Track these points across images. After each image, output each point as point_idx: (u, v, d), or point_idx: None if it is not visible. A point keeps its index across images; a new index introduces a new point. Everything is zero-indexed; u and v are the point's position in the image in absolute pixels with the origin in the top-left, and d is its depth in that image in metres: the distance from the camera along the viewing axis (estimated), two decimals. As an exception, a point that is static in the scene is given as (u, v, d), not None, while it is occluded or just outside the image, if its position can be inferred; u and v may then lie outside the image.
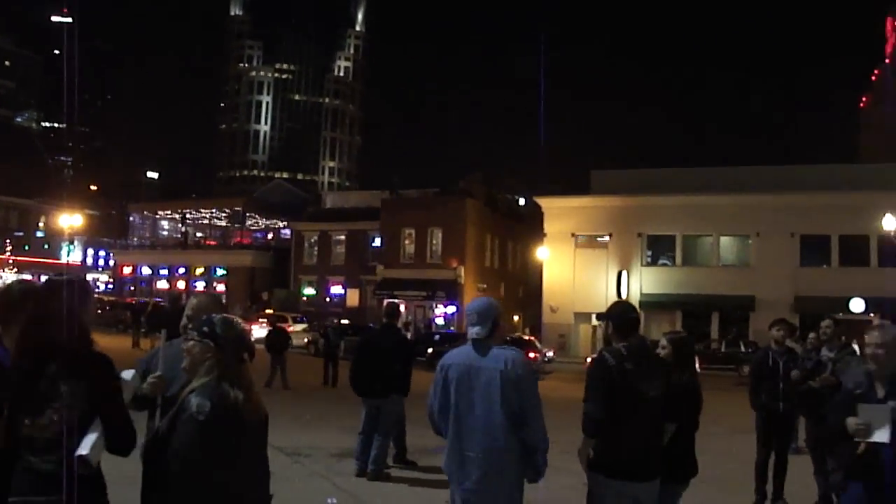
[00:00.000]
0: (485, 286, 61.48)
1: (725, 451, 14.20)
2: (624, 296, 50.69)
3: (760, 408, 10.68)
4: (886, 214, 36.60)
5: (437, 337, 43.08)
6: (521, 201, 76.04)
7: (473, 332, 5.85)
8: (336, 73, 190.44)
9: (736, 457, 12.64)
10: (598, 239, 54.48)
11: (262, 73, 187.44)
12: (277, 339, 27.19)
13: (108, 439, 4.11)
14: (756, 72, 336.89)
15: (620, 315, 6.20)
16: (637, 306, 43.60)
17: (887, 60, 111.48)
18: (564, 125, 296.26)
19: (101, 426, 4.09)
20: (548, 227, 55.43)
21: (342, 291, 69.22)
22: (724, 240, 53.73)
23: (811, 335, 11.66)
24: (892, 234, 36.80)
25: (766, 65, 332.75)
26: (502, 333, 6.11)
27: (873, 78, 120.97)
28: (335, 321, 35.72)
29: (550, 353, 44.24)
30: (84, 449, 3.98)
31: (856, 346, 31.08)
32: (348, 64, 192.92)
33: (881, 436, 5.40)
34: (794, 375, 10.31)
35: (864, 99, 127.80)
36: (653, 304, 51.37)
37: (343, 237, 69.62)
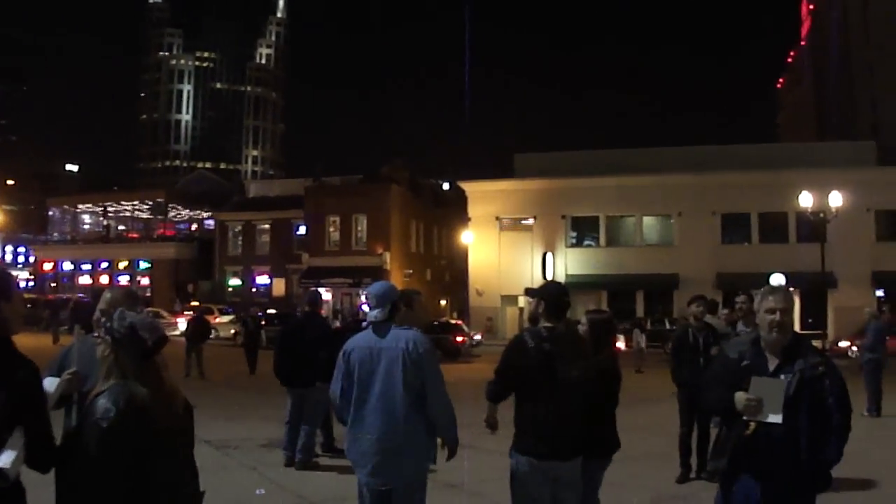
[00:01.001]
0: (411, 272, 61.52)
1: (650, 426, 14.45)
2: (549, 277, 50.98)
3: (682, 383, 10.82)
4: (803, 192, 37.11)
5: (364, 324, 42.79)
6: (446, 186, 76.15)
7: (372, 315, 5.97)
8: (258, 60, 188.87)
9: (660, 431, 12.81)
10: (523, 222, 54.67)
11: (182, 61, 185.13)
12: (197, 328, 27.07)
13: (28, 453, 3.85)
14: (677, 54, 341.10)
15: (555, 297, 6.21)
16: (562, 288, 44.09)
17: (803, 42, 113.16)
18: (488, 110, 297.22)
19: (23, 438, 3.83)
20: (472, 210, 55.53)
21: (268, 281, 68.86)
22: (646, 220, 54.41)
23: (724, 310, 11.79)
24: (809, 210, 37.35)
25: (688, 47, 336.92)
26: (405, 316, 6.12)
27: (789, 59, 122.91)
28: (254, 310, 35.52)
29: (478, 336, 44.30)
30: (3, 462, 3.74)
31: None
32: (270, 51, 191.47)
33: (774, 415, 4.82)
34: (714, 351, 10.35)
35: (781, 80, 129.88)
36: (578, 284, 51.53)
37: (267, 226, 69.18)
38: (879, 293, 49.94)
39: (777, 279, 39.20)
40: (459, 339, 38.58)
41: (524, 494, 5.91)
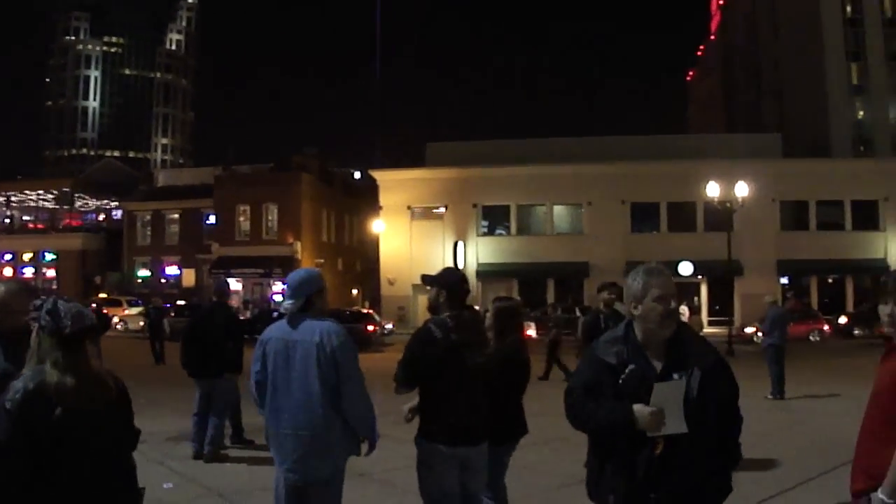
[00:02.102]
0: (322, 261, 61.14)
1: (560, 411, 14.34)
2: (461, 266, 51.05)
3: None
4: (710, 182, 37.63)
5: (275, 314, 42.46)
6: (357, 175, 75.83)
7: (286, 305, 5.79)
8: (168, 46, 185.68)
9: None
10: (434, 210, 54.64)
11: (89, 46, 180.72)
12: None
13: None
14: (591, 46, 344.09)
15: (455, 285, 6.12)
16: (474, 276, 44.17)
17: (712, 37, 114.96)
18: (400, 99, 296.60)
19: None
20: (383, 200, 55.30)
21: (177, 272, 67.82)
22: (557, 209, 54.89)
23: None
24: (716, 200, 37.86)
25: (601, 39, 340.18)
26: (322, 306, 5.97)
27: (699, 53, 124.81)
28: (157, 301, 34.96)
29: (390, 326, 44.28)
30: None
31: (683, 308, 31.88)
32: (180, 37, 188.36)
33: (676, 424, 4.04)
34: None
35: (691, 73, 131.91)
36: (489, 273, 52.13)
37: (177, 216, 68.18)
38: (784, 281, 51.35)
39: (685, 267, 39.99)
40: (371, 328, 38.51)
41: (432, 481, 5.87)
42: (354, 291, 67.03)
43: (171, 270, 68.07)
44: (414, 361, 5.90)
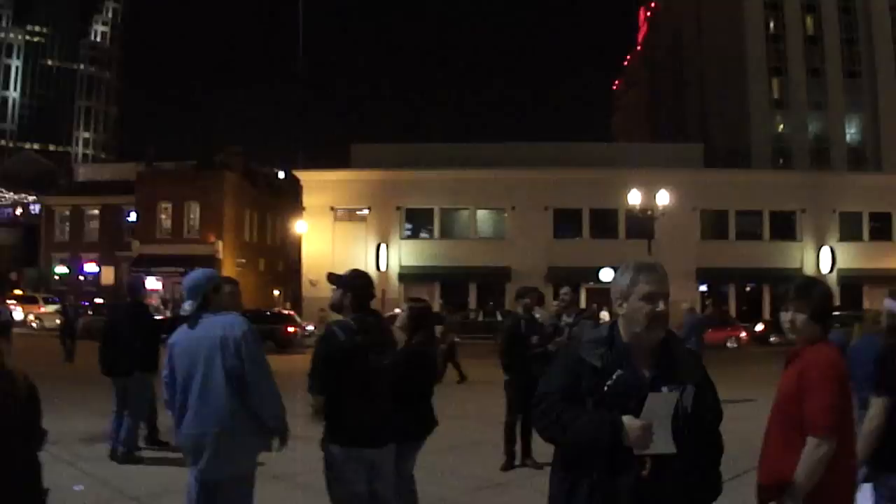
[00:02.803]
0: (244, 261, 60.70)
1: (478, 414, 14.86)
2: (383, 269, 51.15)
3: (510, 372, 10.97)
4: (632, 189, 37.95)
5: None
6: (281, 175, 75.22)
7: (185, 307, 5.78)
8: (92, 38, 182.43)
9: (487, 420, 12.88)
10: (358, 212, 54.37)
11: (11, 35, 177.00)
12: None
13: None
14: (520, 53, 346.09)
15: (361, 288, 6.13)
16: (396, 279, 44.10)
17: (639, 48, 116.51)
18: (326, 99, 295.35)
19: None
20: (307, 200, 54.77)
21: (96, 269, 66.40)
22: (480, 213, 54.93)
23: (555, 304, 12.00)
24: (638, 208, 38.17)
25: (530, 47, 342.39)
26: (222, 302, 5.93)
27: (626, 63, 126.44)
28: (71, 298, 34.51)
29: (311, 327, 43.86)
30: None
31: (604, 314, 32.05)
32: (106, 29, 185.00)
33: (665, 444, 3.54)
34: (534, 340, 10.67)
35: (617, 82, 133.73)
36: (412, 276, 52.10)
37: (97, 212, 66.80)
38: (703, 288, 52.10)
39: (607, 273, 40.42)
40: (291, 329, 38.22)
41: (340, 483, 5.86)
42: (276, 292, 66.49)
43: (90, 268, 66.65)
44: (319, 364, 5.85)
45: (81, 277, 66.02)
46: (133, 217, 63.02)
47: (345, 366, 5.77)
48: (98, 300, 48.39)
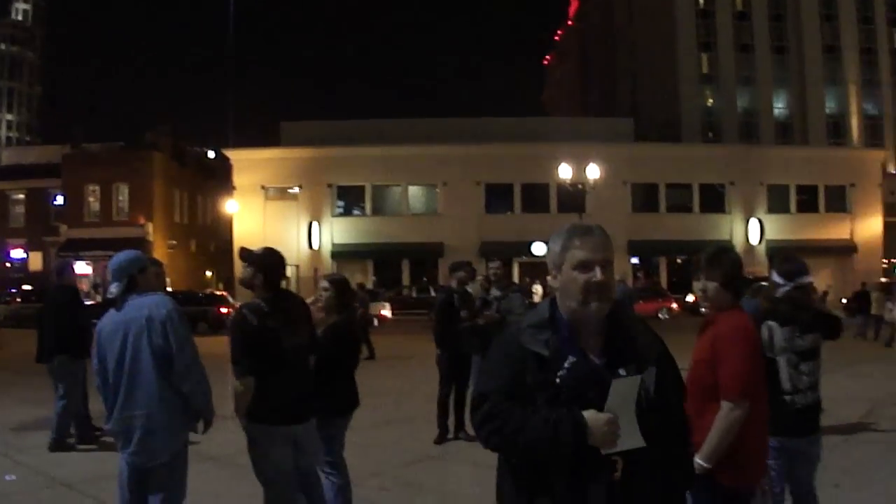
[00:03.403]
0: (175, 243, 60.00)
1: (412, 389, 14.90)
2: (316, 247, 50.91)
3: (443, 347, 11.00)
4: (563, 164, 38.02)
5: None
6: (211, 154, 74.25)
7: (111, 290, 5.68)
8: (14, 16, 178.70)
9: (421, 394, 12.96)
10: (289, 191, 53.91)
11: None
12: None
13: None
14: (452, 28, 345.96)
15: (273, 267, 6.10)
16: (329, 257, 43.82)
17: (570, 22, 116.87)
18: (256, 77, 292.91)
19: None
20: (237, 179, 54.14)
21: (23, 255, 64.87)
22: (412, 189, 54.83)
23: (480, 277, 12.05)
24: (569, 182, 38.27)
25: (461, 22, 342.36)
26: (148, 284, 5.84)
27: (557, 38, 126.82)
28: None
29: (247, 308, 43.51)
30: None
31: (537, 287, 32.21)
32: (27, 6, 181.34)
33: (632, 436, 3.02)
34: (464, 314, 10.77)
35: (548, 57, 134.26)
36: (345, 253, 51.94)
37: (22, 196, 65.24)
38: (635, 260, 52.60)
39: (539, 247, 40.50)
40: (225, 310, 37.72)
41: (264, 461, 5.89)
42: (209, 273, 65.77)
43: (17, 254, 65.10)
44: (235, 348, 5.82)
45: (8, 264, 64.56)
46: (60, 200, 61.71)
47: (260, 348, 5.75)
48: (26, 287, 47.40)
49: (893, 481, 8.74)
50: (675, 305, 43.14)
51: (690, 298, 45.11)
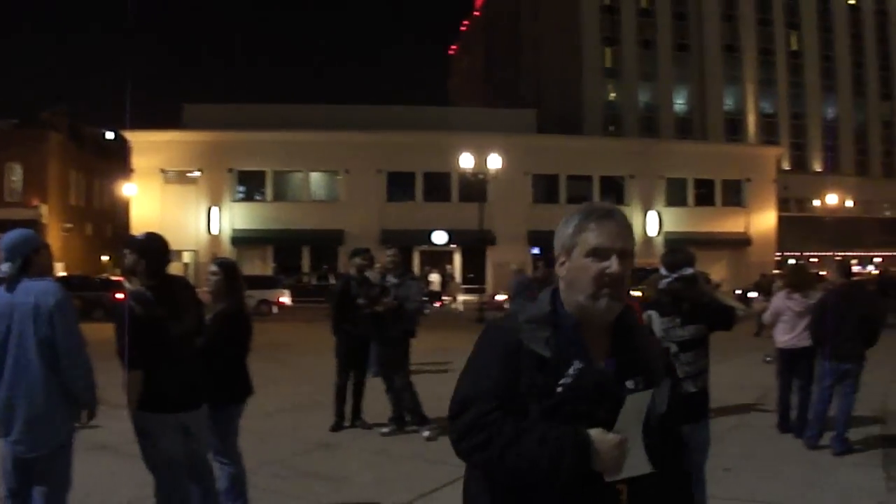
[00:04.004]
0: (70, 226, 58.80)
1: (309, 377, 15.00)
2: (215, 232, 50.32)
3: (341, 334, 11.07)
4: (465, 153, 38.17)
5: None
6: (110, 135, 72.76)
7: (3, 269, 5.44)
8: None
9: (319, 382, 12.92)
10: (189, 175, 53.11)
11: None
12: None
13: None
14: (360, 16, 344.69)
15: (155, 253, 5.93)
16: (229, 242, 43.32)
17: (476, 13, 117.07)
18: (157, 57, 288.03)
19: None
20: (136, 162, 53.06)
21: None
22: (314, 175, 54.56)
23: (378, 265, 12.11)
24: (470, 172, 38.45)
25: (370, 10, 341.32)
26: (42, 266, 5.61)
27: (463, 28, 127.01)
28: None
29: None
30: None
31: (434, 276, 32.35)
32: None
33: (639, 460, 2.61)
34: (362, 302, 10.68)
35: (453, 47, 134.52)
36: (244, 239, 51.46)
37: (-90, 176, 63.18)
38: (535, 251, 52.89)
39: (440, 236, 40.68)
40: (120, 295, 36.89)
41: (153, 450, 5.77)
42: (105, 258, 64.51)
43: None
44: (122, 336, 5.65)
45: None
46: (-51, 181, 59.88)
47: (147, 338, 5.60)
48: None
49: (782, 465, 9.04)
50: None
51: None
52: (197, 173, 52.83)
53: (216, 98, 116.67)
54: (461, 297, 46.67)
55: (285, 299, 38.90)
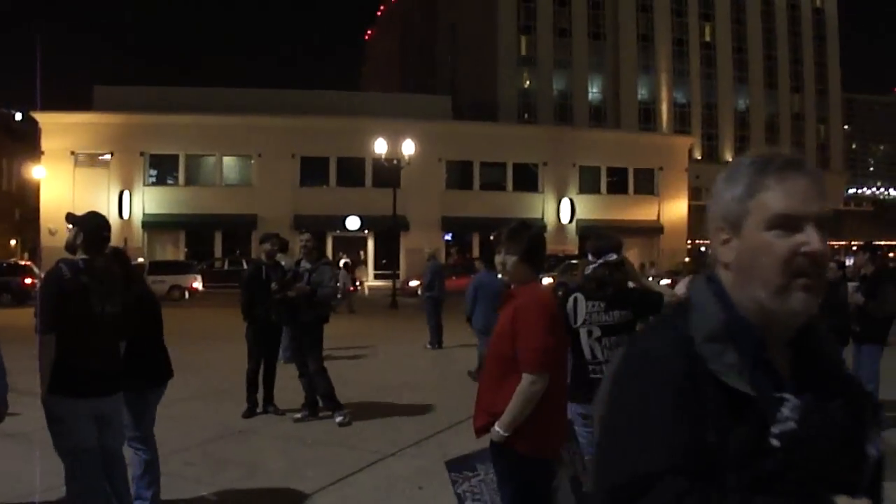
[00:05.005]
0: (-24, 209, 57.46)
1: (220, 363, 14.90)
2: (126, 216, 49.62)
3: (252, 319, 10.98)
4: (379, 139, 38.18)
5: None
6: (18, 116, 71.47)
7: None
8: None
9: (231, 368, 12.81)
10: (100, 157, 52.13)
11: None
12: None
13: None
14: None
15: (96, 229, 5.87)
16: (140, 227, 42.81)
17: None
18: (67, 36, 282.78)
19: None
20: (46, 144, 51.88)
21: None
22: (227, 160, 53.88)
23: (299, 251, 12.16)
24: (384, 157, 38.48)
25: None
26: None
27: (379, 13, 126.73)
28: None
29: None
30: None
31: (345, 260, 32.34)
32: None
33: None
34: (274, 287, 10.62)
35: (369, 32, 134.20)
36: (156, 224, 50.85)
37: None
38: (448, 237, 53.26)
39: (353, 221, 40.68)
40: (29, 281, 36.36)
41: (66, 436, 5.61)
42: (13, 242, 63.30)
43: None
44: (45, 302, 5.62)
45: None
46: None
47: (69, 306, 5.54)
48: None
49: None
50: (485, 282, 43.91)
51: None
52: (108, 156, 51.90)
53: (130, 80, 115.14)
54: (373, 283, 46.54)
55: (197, 285, 38.61)
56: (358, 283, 37.45)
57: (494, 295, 10.12)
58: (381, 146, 37.96)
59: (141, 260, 40.14)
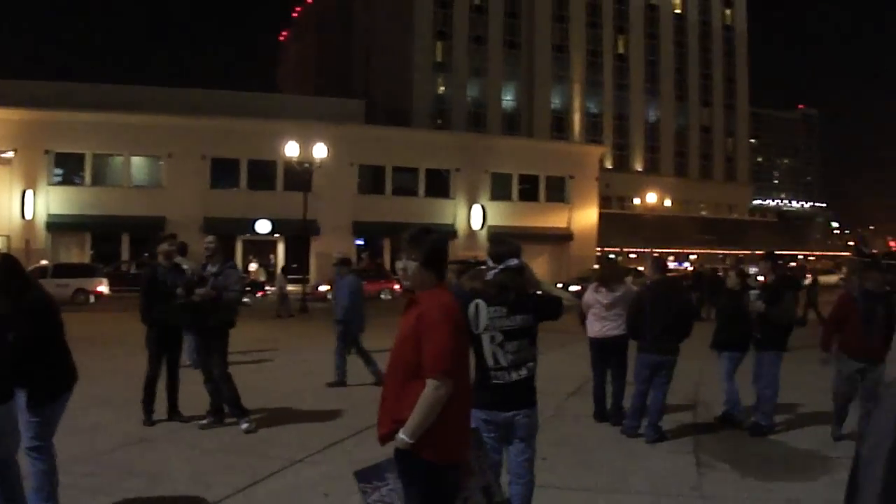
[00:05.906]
0: None
1: (123, 370, 14.32)
2: (29, 216, 48.33)
3: (152, 323, 10.64)
4: (290, 142, 37.78)
5: None
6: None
7: None
8: None
9: (133, 374, 12.24)
10: (2, 155, 50.57)
11: None
12: None
13: None
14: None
15: None
16: (44, 228, 41.57)
17: (309, 0, 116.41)
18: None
19: None
20: (-56, 139, 50.38)
21: None
22: (135, 160, 52.68)
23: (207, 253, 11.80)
24: (295, 160, 38.12)
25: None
26: None
27: (295, 15, 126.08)
28: None
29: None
30: None
31: (253, 266, 31.87)
32: None
33: None
34: (179, 291, 10.33)
35: (284, 33, 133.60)
36: (61, 225, 49.46)
37: None
38: (359, 242, 53.05)
39: (264, 225, 40.23)
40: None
41: None
42: None
43: None
44: None
45: None
46: None
47: None
48: None
49: (598, 453, 9.27)
50: (397, 287, 43.70)
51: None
52: (10, 154, 50.31)
53: (32, 74, 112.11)
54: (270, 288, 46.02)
55: (103, 288, 37.68)
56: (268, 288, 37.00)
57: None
58: (292, 149, 37.63)
59: (44, 262, 39.14)
